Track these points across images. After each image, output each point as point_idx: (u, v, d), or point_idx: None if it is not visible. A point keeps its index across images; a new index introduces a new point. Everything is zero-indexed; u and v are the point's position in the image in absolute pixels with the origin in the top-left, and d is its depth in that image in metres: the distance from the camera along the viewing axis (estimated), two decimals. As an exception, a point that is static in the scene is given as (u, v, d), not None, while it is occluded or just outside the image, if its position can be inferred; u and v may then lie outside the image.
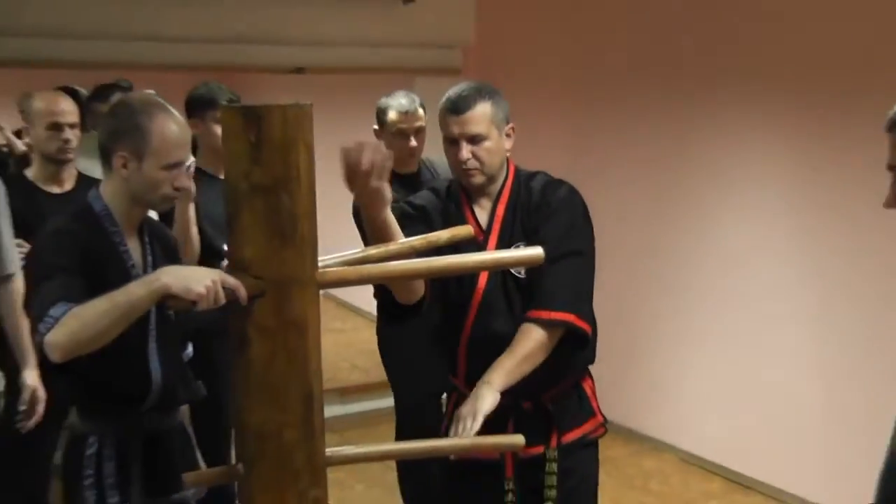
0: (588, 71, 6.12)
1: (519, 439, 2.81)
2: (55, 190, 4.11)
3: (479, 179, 3.02)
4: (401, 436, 4.62)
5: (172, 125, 2.69)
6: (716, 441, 5.73)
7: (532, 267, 2.89)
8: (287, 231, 2.29)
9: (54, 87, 4.32)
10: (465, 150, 2.95)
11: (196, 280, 2.29)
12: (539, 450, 3.05)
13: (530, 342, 2.87)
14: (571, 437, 3.11)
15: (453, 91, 3.03)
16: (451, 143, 3.00)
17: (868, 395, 4.83)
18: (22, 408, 3.59)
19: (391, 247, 2.80)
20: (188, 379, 2.93)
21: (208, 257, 3.83)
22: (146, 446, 2.77)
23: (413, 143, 4.45)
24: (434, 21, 6.53)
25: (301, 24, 6.11)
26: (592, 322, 3.02)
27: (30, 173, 4.17)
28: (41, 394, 3.59)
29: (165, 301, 2.35)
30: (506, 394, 2.89)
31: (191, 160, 2.87)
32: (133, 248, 2.78)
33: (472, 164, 2.97)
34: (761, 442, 5.48)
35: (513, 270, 3.00)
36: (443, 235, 2.93)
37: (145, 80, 5.28)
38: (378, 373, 6.92)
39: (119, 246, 2.73)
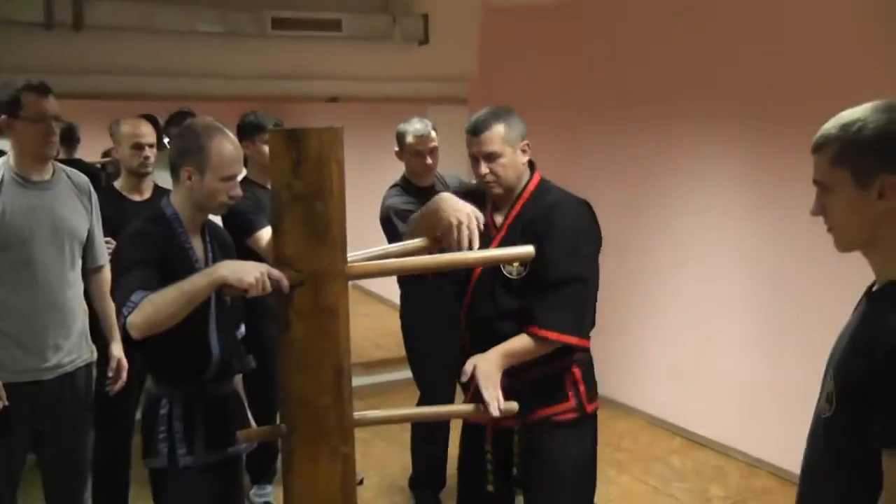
0: (573, 97, 6.11)
1: (513, 405, 2.83)
2: (136, 198, 4.16)
3: (497, 190, 2.98)
4: (423, 403, 4.60)
5: (228, 145, 2.71)
6: (677, 406, 5.72)
7: (534, 284, 2.87)
8: (321, 232, 2.31)
9: (137, 115, 4.35)
10: (483, 167, 2.93)
11: (247, 272, 2.30)
12: (509, 423, 2.92)
13: (527, 344, 2.85)
14: (536, 416, 2.93)
15: (475, 116, 3.01)
16: (474, 160, 2.98)
17: (801, 368, 4.80)
18: (110, 374, 3.62)
19: (407, 245, 2.82)
20: (241, 353, 2.94)
21: None
22: (207, 408, 2.79)
23: (428, 160, 4.44)
24: (444, 58, 6.52)
25: (334, 62, 6.12)
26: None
27: (117, 184, 4.22)
28: (125, 363, 3.62)
29: (222, 289, 2.37)
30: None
31: (242, 173, 2.88)
32: (196, 245, 2.79)
33: (490, 178, 2.94)
34: (714, 407, 5.48)
35: (503, 271, 2.93)
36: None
37: (205, 109, 5.31)
38: (396, 350, 6.95)
39: (185, 244, 2.75)
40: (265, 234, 3.95)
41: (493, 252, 2.67)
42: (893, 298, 1.75)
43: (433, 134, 4.46)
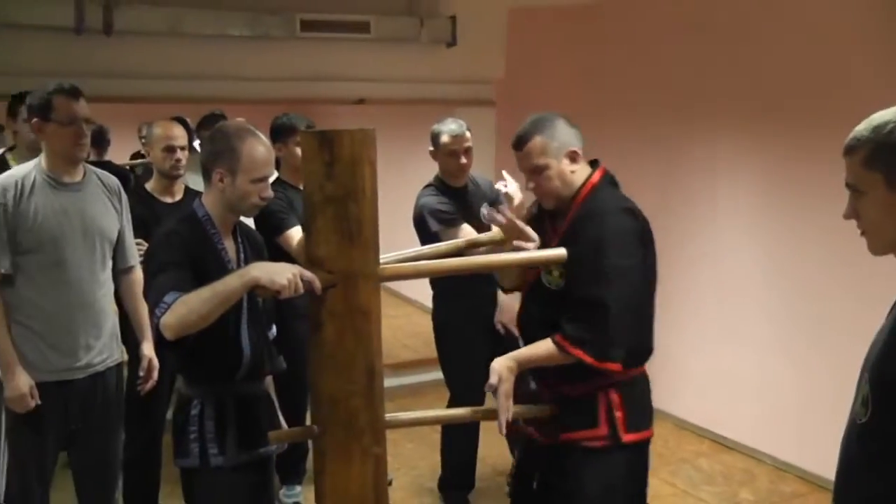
0: (598, 99, 6.07)
1: (544, 409, 2.81)
2: (168, 200, 4.17)
3: (547, 203, 2.86)
4: (453, 404, 4.56)
5: (260, 147, 2.70)
6: (705, 410, 5.68)
7: (566, 294, 2.75)
8: (354, 234, 2.31)
9: (168, 117, 4.37)
10: (530, 182, 2.81)
11: (280, 273, 2.30)
12: (544, 440, 2.84)
13: (550, 350, 2.70)
14: (567, 437, 2.76)
15: (518, 129, 2.85)
16: (524, 174, 2.85)
17: (829, 371, 4.78)
18: (140, 374, 3.64)
19: (441, 247, 2.81)
20: (273, 354, 2.94)
21: None
22: (239, 408, 2.78)
23: (463, 160, 4.41)
24: (471, 60, 6.50)
25: (362, 64, 6.12)
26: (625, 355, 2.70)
27: (149, 186, 4.23)
28: (156, 363, 3.63)
29: (255, 290, 2.38)
30: (538, 383, 2.87)
31: (273, 174, 2.88)
32: (229, 246, 2.79)
33: (538, 192, 2.82)
34: (742, 410, 5.44)
35: (544, 281, 2.81)
36: (482, 238, 2.95)
37: (234, 111, 5.34)
38: (425, 351, 6.94)
39: (217, 245, 2.75)
40: (295, 233, 3.96)
41: (526, 254, 2.65)
42: None
43: (468, 134, 4.42)
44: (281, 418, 2.99)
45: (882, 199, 1.77)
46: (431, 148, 4.47)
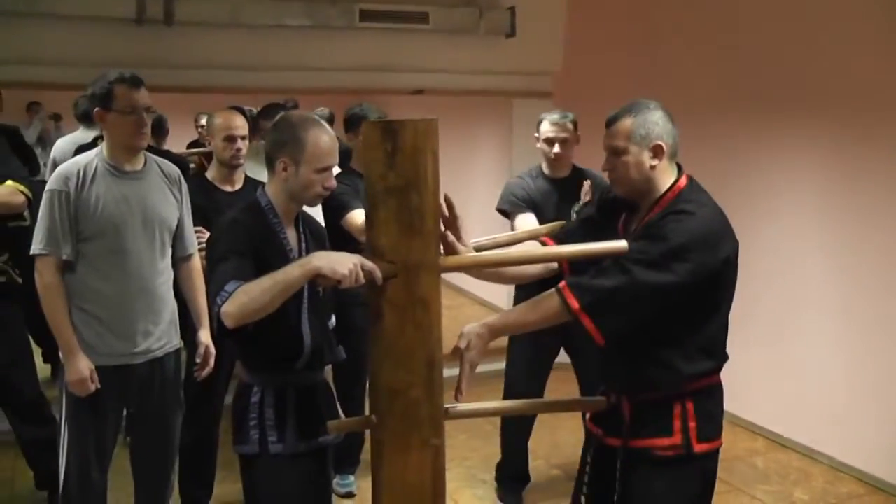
0: (657, 92, 5.95)
1: (601, 401, 2.77)
2: (228, 189, 4.18)
3: (619, 189, 2.71)
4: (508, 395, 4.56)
5: (324, 136, 2.69)
6: (759, 407, 5.58)
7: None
8: (416, 224, 2.30)
9: (228, 107, 4.39)
10: (607, 161, 2.69)
11: (341, 263, 2.29)
12: (614, 442, 2.74)
13: (539, 306, 2.58)
14: (638, 444, 2.68)
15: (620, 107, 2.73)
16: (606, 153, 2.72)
17: (887, 371, 4.70)
18: (197, 360, 3.66)
19: (500, 237, 2.79)
20: (332, 344, 2.93)
21: None
22: (298, 397, 2.78)
23: (557, 149, 4.38)
24: (529, 52, 6.45)
25: (421, 55, 6.11)
26: (613, 337, 2.55)
27: (209, 174, 4.25)
28: (212, 350, 3.65)
29: (316, 280, 2.37)
30: (606, 388, 2.80)
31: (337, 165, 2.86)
32: (291, 236, 2.79)
33: (612, 174, 2.69)
34: (799, 409, 5.35)
35: None
36: (542, 230, 2.91)
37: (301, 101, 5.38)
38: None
39: (280, 234, 2.74)
40: (359, 214, 3.97)
41: (588, 246, 2.60)
42: None
43: (569, 125, 4.40)
44: (339, 409, 2.99)
45: None
46: (536, 134, 4.50)
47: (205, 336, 3.64)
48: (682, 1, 6.03)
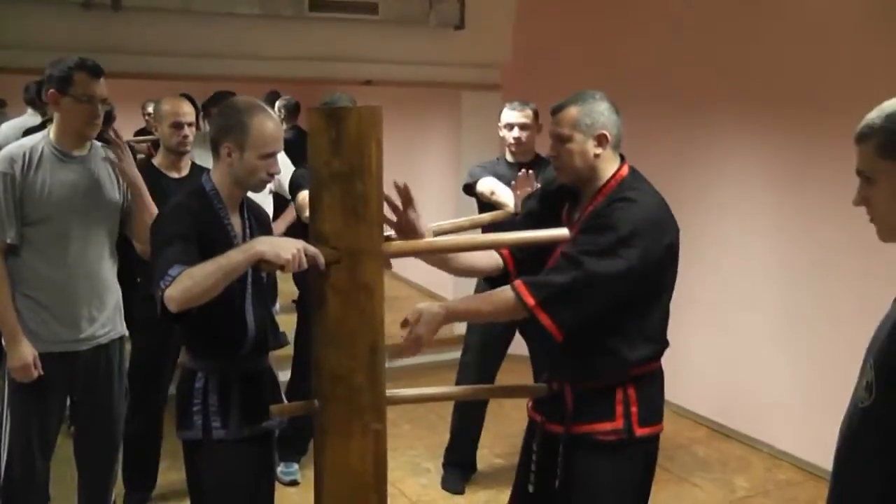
0: (604, 86, 6.01)
1: (542, 387, 2.82)
2: (175, 175, 4.17)
3: (562, 176, 2.75)
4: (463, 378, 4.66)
5: (269, 122, 2.69)
6: (701, 397, 5.68)
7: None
8: (359, 211, 2.31)
9: (175, 95, 4.37)
10: (552, 148, 2.73)
11: (284, 248, 2.30)
12: (556, 429, 2.77)
13: (494, 298, 2.62)
14: (580, 429, 2.72)
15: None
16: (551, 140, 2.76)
17: (825, 361, 4.81)
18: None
19: (444, 225, 2.81)
20: (276, 329, 2.94)
21: None
22: (242, 383, 2.79)
23: (516, 133, 4.51)
24: (478, 44, 6.47)
25: (370, 46, 6.10)
26: (570, 330, 2.57)
27: (156, 161, 4.24)
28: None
29: (259, 265, 2.38)
30: (549, 376, 2.83)
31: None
32: (235, 222, 2.79)
33: (556, 161, 2.73)
34: (738, 398, 5.45)
35: None
36: (485, 217, 2.94)
37: (242, 90, 5.33)
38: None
39: (224, 219, 2.75)
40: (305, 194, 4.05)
41: (529, 233, 2.64)
42: None
43: (529, 112, 4.55)
44: (282, 394, 3.00)
45: (894, 187, 1.77)
46: (498, 123, 4.66)
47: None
48: (630, -6, 6.11)
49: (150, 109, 6.75)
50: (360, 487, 2.44)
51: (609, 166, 2.71)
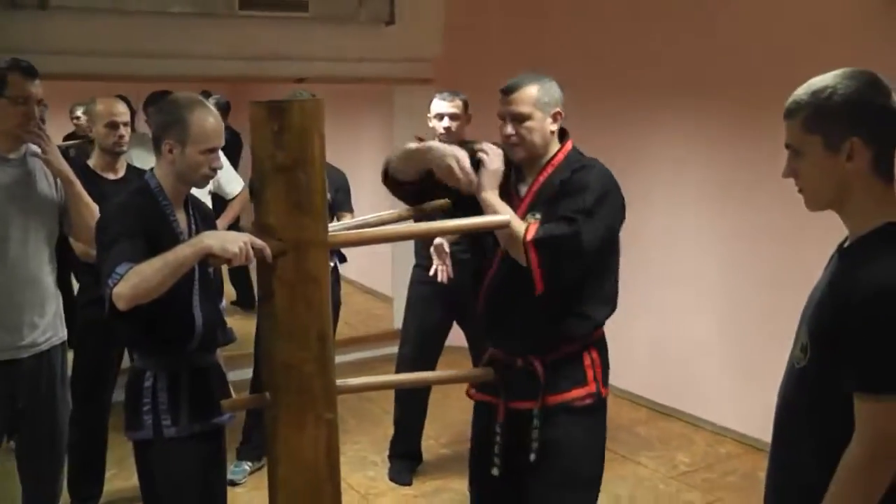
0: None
1: (488, 371, 2.85)
2: (111, 176, 4.14)
3: (520, 154, 2.82)
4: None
5: (209, 118, 2.70)
6: (642, 378, 5.78)
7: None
8: (304, 202, 2.32)
9: (111, 96, 4.31)
10: (509, 127, 2.80)
11: (231, 242, 2.32)
12: (527, 405, 2.80)
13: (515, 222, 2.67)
14: (555, 399, 2.78)
15: (513, 78, 2.89)
16: (502, 119, 2.84)
17: (760, 338, 4.95)
18: None
19: (383, 215, 2.84)
20: (224, 325, 2.94)
21: None
22: (191, 379, 2.79)
23: (446, 122, 4.56)
24: (409, 39, 6.51)
25: (302, 43, 6.09)
26: (551, 282, 2.65)
27: (91, 163, 4.19)
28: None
29: (207, 259, 2.39)
30: (503, 351, 2.88)
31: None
32: (180, 218, 2.80)
33: (515, 139, 2.80)
34: (678, 379, 5.57)
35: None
36: (426, 207, 2.97)
37: (176, 89, 5.28)
38: (364, 328, 6.98)
39: (170, 216, 2.75)
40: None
41: (469, 220, 2.67)
42: (863, 252, 1.84)
43: (458, 102, 4.60)
44: (231, 389, 3.00)
45: (820, 159, 1.86)
46: (428, 114, 4.71)
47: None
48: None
49: (80, 113, 6.65)
50: (315, 477, 2.45)
51: (556, 141, 2.88)
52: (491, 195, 2.72)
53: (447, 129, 4.55)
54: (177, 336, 2.77)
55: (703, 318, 5.38)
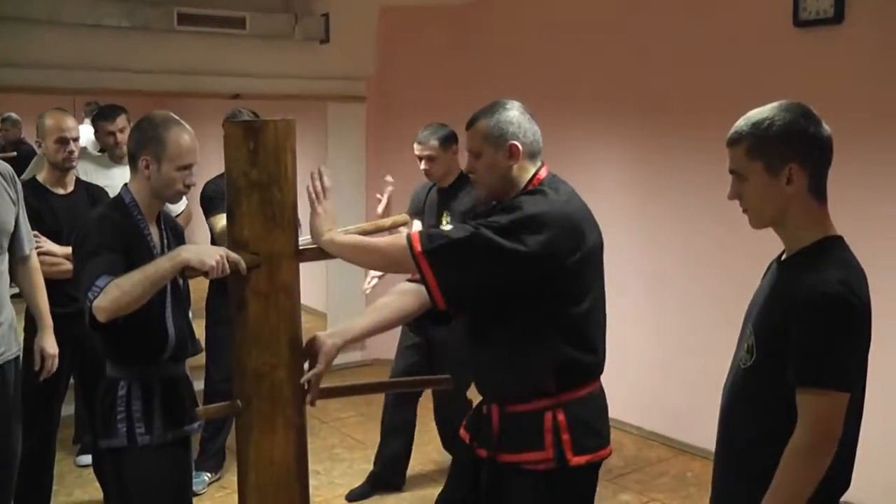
0: (467, 98, 6.18)
1: (447, 380, 2.98)
2: (60, 191, 4.11)
3: (481, 190, 2.72)
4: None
5: (185, 136, 2.80)
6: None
7: None
8: (277, 217, 2.47)
9: (53, 108, 4.29)
10: (468, 164, 2.66)
11: (208, 255, 2.43)
12: (482, 454, 2.65)
13: (386, 244, 2.56)
14: (506, 458, 2.57)
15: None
16: None
17: (684, 346, 5.23)
18: (35, 368, 3.62)
19: (350, 228, 2.97)
20: (194, 336, 3.02)
21: None
22: (164, 389, 2.86)
23: (423, 166, 4.47)
24: (343, 57, 6.61)
25: (238, 60, 6.16)
26: (452, 296, 2.44)
27: (40, 177, 4.15)
28: (49, 352, 3.60)
29: (185, 272, 2.49)
30: (482, 394, 2.73)
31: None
32: (153, 232, 2.87)
33: (473, 177, 2.68)
34: (607, 384, 5.70)
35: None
36: (386, 223, 3.12)
37: (112, 101, 5.31)
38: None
39: (144, 230, 2.83)
40: (220, 219, 4.18)
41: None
42: (804, 262, 2.06)
43: (432, 142, 4.45)
44: (196, 399, 3.09)
45: (762, 183, 2.08)
46: None
47: (42, 339, 3.59)
48: (493, 8, 6.38)
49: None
50: (284, 478, 2.58)
51: (525, 175, 2.61)
52: (332, 237, 2.54)
53: (425, 171, 4.51)
54: (150, 347, 2.84)
55: (630, 322, 5.57)
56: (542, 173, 2.64)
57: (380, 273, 4.37)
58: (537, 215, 2.45)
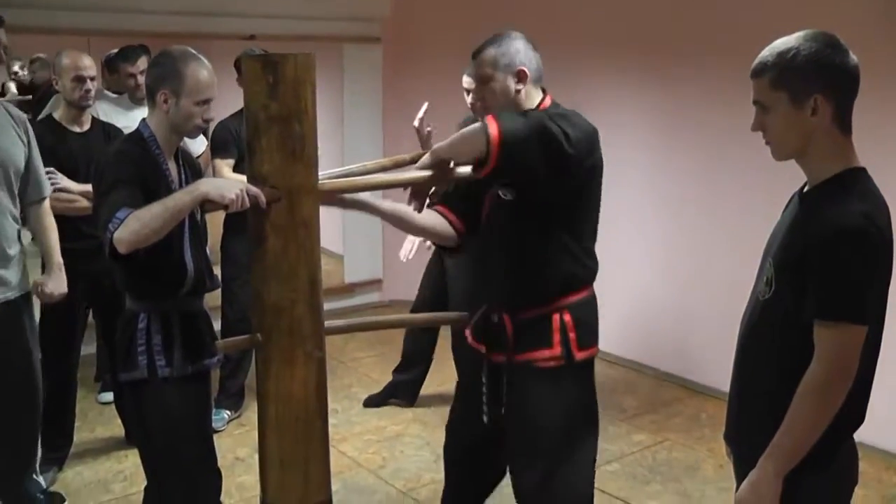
0: (480, 36, 6.21)
1: (463, 317, 3.01)
2: (76, 129, 4.14)
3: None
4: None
5: (204, 70, 2.79)
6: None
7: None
8: (297, 151, 2.44)
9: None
10: (475, 91, 2.82)
11: (228, 188, 2.43)
12: (499, 358, 2.88)
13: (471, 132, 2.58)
14: (521, 358, 2.82)
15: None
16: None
17: (702, 291, 5.23)
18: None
19: (368, 164, 2.97)
20: (212, 271, 3.03)
21: None
22: (183, 323, 2.89)
23: (470, 99, 4.36)
24: (358, -2, 6.62)
25: (253, 0, 6.14)
26: (509, 142, 2.51)
27: (57, 115, 4.18)
28: (49, 290, 3.55)
29: (204, 205, 2.50)
30: (487, 305, 2.93)
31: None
32: (171, 167, 2.88)
33: (482, 104, 2.81)
34: (623, 328, 5.75)
35: (500, 193, 2.81)
36: (406, 157, 3.11)
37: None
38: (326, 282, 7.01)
39: (162, 165, 2.83)
40: (225, 165, 4.47)
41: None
42: (826, 195, 2.04)
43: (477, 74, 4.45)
44: (216, 333, 3.11)
45: (786, 113, 2.05)
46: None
47: (47, 278, 3.56)
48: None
49: (16, 67, 6.56)
50: (305, 413, 2.59)
51: (531, 101, 2.79)
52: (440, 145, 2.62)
53: (472, 105, 4.35)
54: (170, 281, 2.86)
55: (648, 266, 5.60)
56: (547, 101, 2.81)
57: (418, 239, 4.51)
58: (566, 114, 2.67)
